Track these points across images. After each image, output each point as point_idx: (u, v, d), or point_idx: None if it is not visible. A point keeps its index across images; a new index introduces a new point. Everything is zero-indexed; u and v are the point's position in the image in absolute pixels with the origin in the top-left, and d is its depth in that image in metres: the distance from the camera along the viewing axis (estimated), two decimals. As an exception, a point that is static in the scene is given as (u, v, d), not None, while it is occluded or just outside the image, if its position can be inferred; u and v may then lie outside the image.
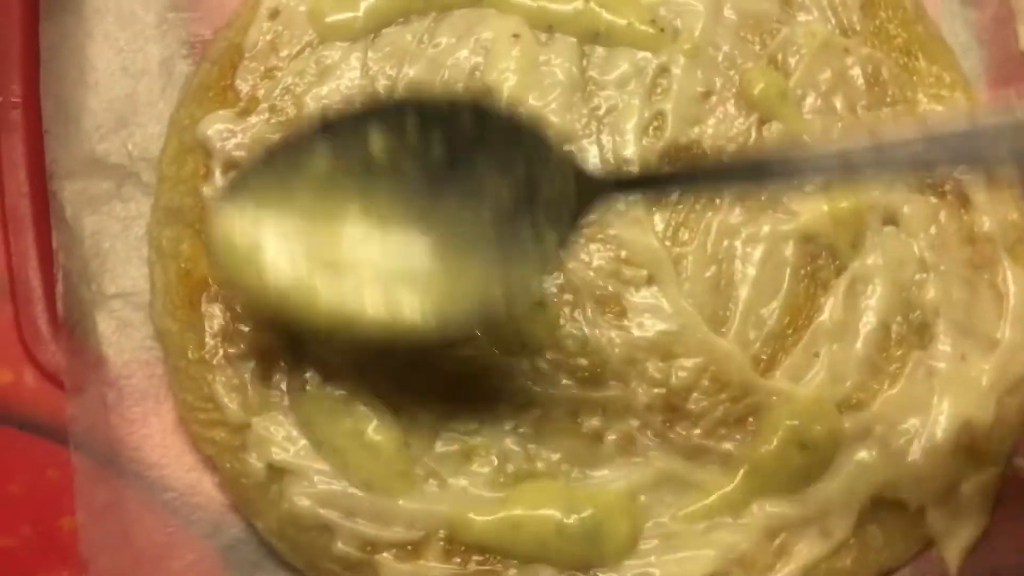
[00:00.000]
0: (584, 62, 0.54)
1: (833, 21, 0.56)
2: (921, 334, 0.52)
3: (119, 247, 0.52)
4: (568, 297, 0.51)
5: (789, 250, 0.52)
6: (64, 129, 0.52)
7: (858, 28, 0.56)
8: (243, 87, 0.53)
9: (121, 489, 0.49)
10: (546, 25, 0.54)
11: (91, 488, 0.48)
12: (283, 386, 0.49)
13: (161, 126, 0.53)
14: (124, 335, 0.51)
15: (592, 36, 0.54)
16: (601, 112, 0.53)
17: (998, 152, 0.39)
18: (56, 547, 0.48)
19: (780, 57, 0.55)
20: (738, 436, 0.50)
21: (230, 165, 0.52)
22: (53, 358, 0.50)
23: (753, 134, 0.53)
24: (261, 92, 0.53)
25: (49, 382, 0.49)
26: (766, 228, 0.52)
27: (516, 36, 0.54)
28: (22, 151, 0.52)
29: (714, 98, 0.54)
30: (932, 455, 0.50)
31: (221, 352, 0.49)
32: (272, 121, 0.52)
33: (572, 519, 0.48)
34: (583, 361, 0.50)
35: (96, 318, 0.50)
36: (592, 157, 0.52)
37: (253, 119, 0.52)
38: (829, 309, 0.52)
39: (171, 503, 0.49)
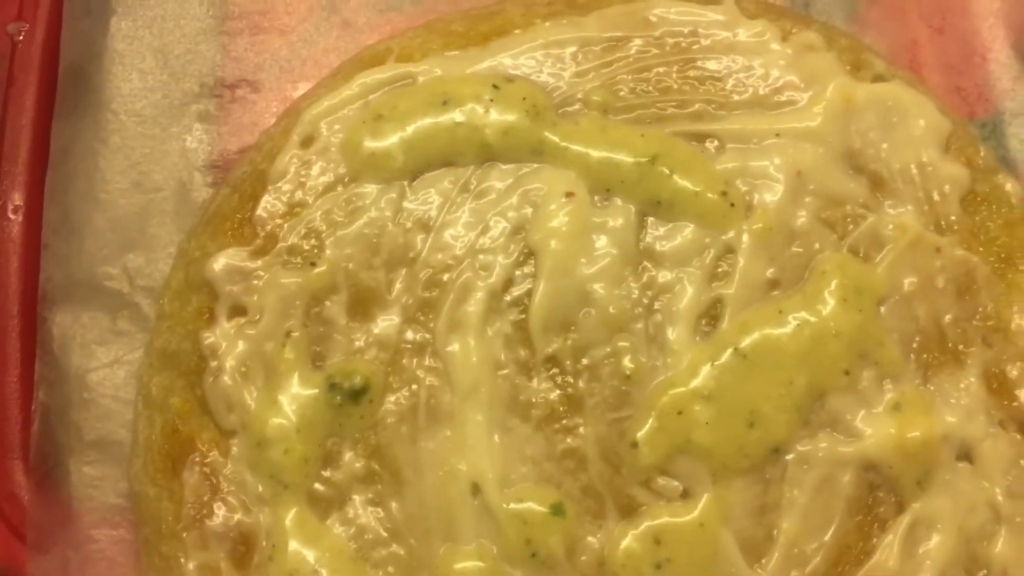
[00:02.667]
0: (642, 233, 0.48)
1: (927, 213, 0.50)
2: (982, 596, 0.46)
3: (105, 388, 0.48)
4: (589, 504, 0.45)
5: (847, 478, 0.46)
6: (64, 245, 0.49)
7: (955, 225, 0.50)
8: (262, 221, 0.48)
9: (72, 666, 0.44)
10: (604, 187, 0.48)
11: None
12: (261, 574, 0.44)
13: (168, 253, 0.49)
14: (97, 490, 0.47)
15: (654, 203, 0.48)
16: (652, 292, 0.48)
17: None
18: None
19: (862, 251, 0.49)
20: None
21: (237, 311, 0.47)
22: (19, 508, 0.46)
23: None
24: (282, 230, 0.48)
25: (12, 534, 0.45)
26: (823, 448, 0.46)
27: (570, 195, 0.48)
28: (16, 266, 0.49)
29: (782, 289, 0.48)
30: None
31: (198, 529, 0.45)
32: (289, 265, 0.47)
33: None
34: (597, 581, 0.45)
35: (70, 467, 0.46)
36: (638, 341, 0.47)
37: (268, 259, 0.47)
38: (883, 552, 0.46)
39: None
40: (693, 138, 0.50)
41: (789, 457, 0.47)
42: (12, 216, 0.48)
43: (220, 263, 0.47)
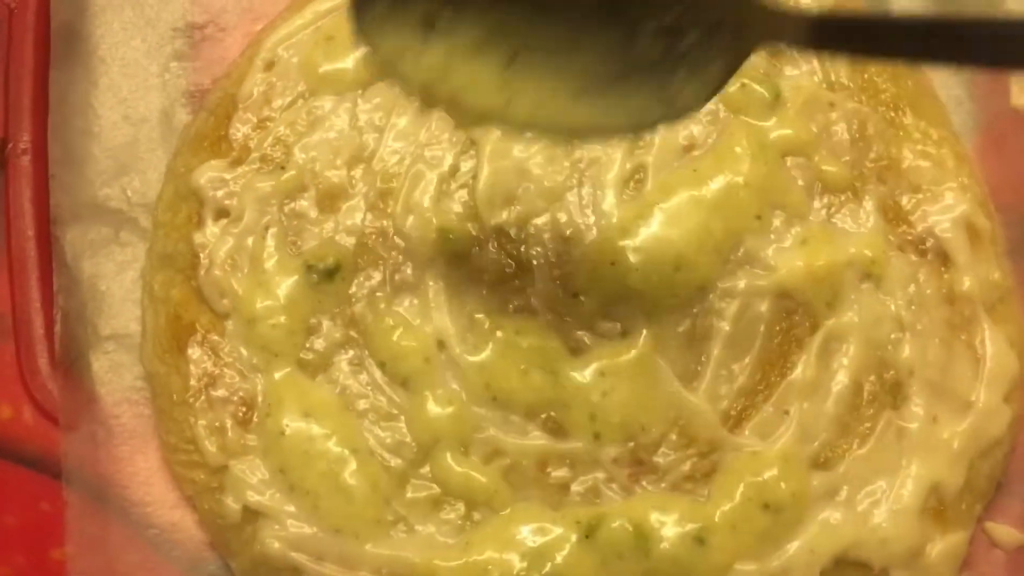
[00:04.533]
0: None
1: (820, 75, 0.56)
2: (894, 394, 0.52)
3: (115, 290, 0.54)
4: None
5: (764, 306, 0.53)
6: (68, 175, 0.55)
7: (846, 82, 0.56)
8: (236, 137, 0.55)
9: (108, 524, 0.51)
10: None
11: (80, 522, 0.51)
12: (261, 429, 0.51)
13: (159, 173, 0.56)
14: (116, 375, 0.53)
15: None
16: (583, 165, 0.54)
17: None
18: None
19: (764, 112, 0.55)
20: (704, 492, 0.51)
21: (221, 214, 0.54)
22: (50, 396, 0.52)
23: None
24: (253, 142, 0.55)
25: (46, 419, 0.52)
26: (742, 283, 0.53)
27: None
28: (29, 196, 0.55)
29: (696, 152, 0.54)
30: (899, 517, 0.50)
31: (204, 395, 0.52)
32: (262, 171, 0.54)
33: (537, 569, 0.49)
34: (553, 413, 0.51)
35: (90, 358, 0.53)
36: (573, 207, 0.53)
37: (244, 168, 0.54)
38: (802, 366, 0.52)
39: (153, 539, 0.51)
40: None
41: (713, 294, 0.53)
42: (22, 155, 0.55)
43: (203, 175, 0.54)
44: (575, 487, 0.51)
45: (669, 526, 0.50)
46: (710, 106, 0.54)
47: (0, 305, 0.54)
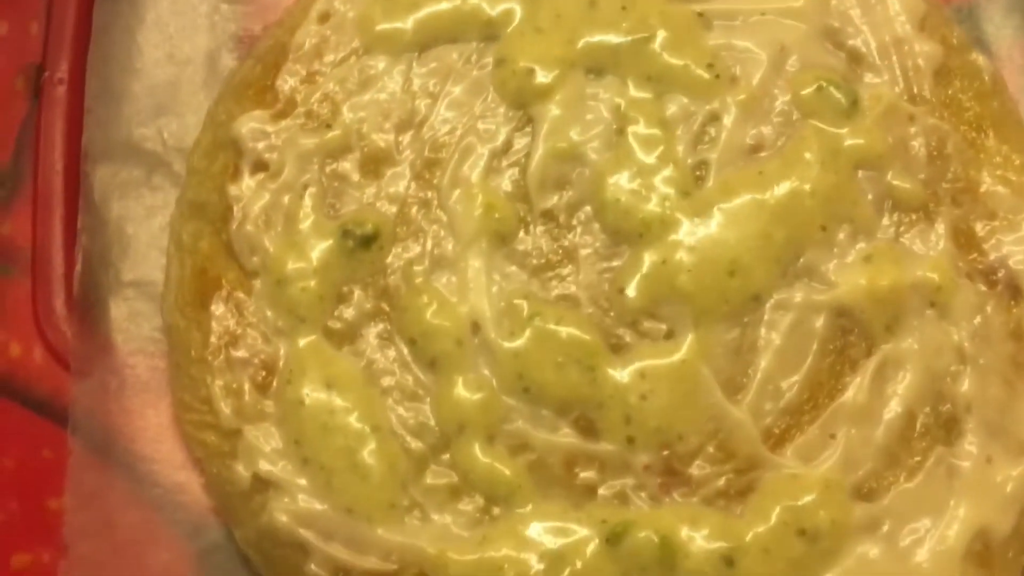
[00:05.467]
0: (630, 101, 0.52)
1: (902, 85, 0.53)
2: (948, 429, 0.49)
3: (141, 235, 0.52)
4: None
5: (820, 322, 0.50)
6: (104, 110, 0.53)
7: (928, 96, 0.53)
8: (283, 88, 0.52)
9: (111, 478, 0.49)
10: (599, 66, 0.52)
11: (82, 473, 0.49)
12: (280, 396, 0.48)
13: (198, 118, 0.53)
14: (134, 323, 0.51)
15: (644, 78, 0.52)
16: (642, 155, 0.51)
17: None
18: (41, 526, 0.48)
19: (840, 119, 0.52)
20: (737, 510, 0.48)
21: (259, 167, 0.51)
22: (63, 338, 0.50)
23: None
24: (300, 96, 0.52)
25: (56, 361, 0.50)
26: (799, 296, 0.50)
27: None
28: (61, 128, 0.53)
29: (763, 153, 0.52)
30: (941, 559, 0.47)
31: (224, 354, 0.49)
32: (307, 127, 0.52)
33: (554, 573, 0.47)
34: (586, 411, 0.48)
35: (110, 303, 0.51)
36: (624, 195, 0.50)
37: (288, 122, 0.52)
38: (854, 390, 0.49)
39: (157, 499, 0.49)
40: (681, 16, 0.53)
41: (767, 304, 0.50)
42: (58, 85, 0.53)
43: (245, 124, 0.52)
44: (602, 491, 0.48)
45: (698, 542, 0.47)
46: (782, 107, 0.52)
47: (20, 239, 0.52)
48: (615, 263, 0.50)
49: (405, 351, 0.49)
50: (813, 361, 0.49)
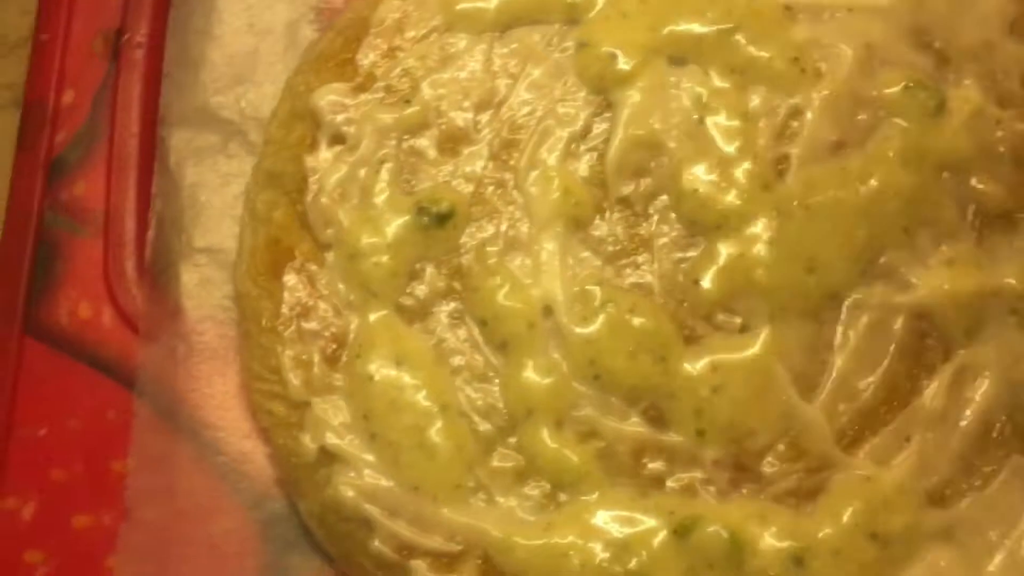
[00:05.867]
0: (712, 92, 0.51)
1: (990, 88, 0.52)
2: (1025, 439, 0.48)
3: (215, 202, 0.52)
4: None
5: (898, 324, 0.49)
6: (182, 76, 0.53)
7: (1016, 100, 0.52)
8: (363, 62, 0.52)
9: (175, 443, 0.49)
10: (682, 54, 0.51)
11: (147, 437, 0.48)
12: (349, 370, 0.48)
13: (276, 88, 0.53)
14: (204, 290, 0.51)
15: (727, 69, 0.51)
16: (723, 145, 0.51)
17: None
18: (104, 488, 0.48)
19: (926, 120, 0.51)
20: (807, 510, 0.47)
21: (336, 139, 0.51)
22: (133, 301, 0.50)
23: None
24: (380, 70, 0.52)
25: (125, 325, 0.50)
26: (878, 297, 0.49)
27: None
28: (138, 91, 0.52)
29: (847, 150, 0.51)
30: (1014, 571, 0.47)
31: (295, 325, 0.49)
32: (386, 101, 0.51)
33: (620, 563, 0.46)
34: (657, 401, 0.48)
35: (180, 269, 0.51)
36: (703, 186, 0.50)
37: (367, 96, 0.51)
38: (930, 394, 0.48)
39: (221, 467, 0.49)
40: (768, 10, 0.53)
41: (845, 303, 0.49)
42: (137, 48, 0.53)
43: (324, 96, 0.51)
44: (670, 483, 0.47)
45: (766, 539, 0.46)
46: (866, 104, 0.51)
47: (94, 202, 0.51)
48: (691, 253, 0.50)
49: (476, 331, 0.49)
50: (890, 363, 0.49)
